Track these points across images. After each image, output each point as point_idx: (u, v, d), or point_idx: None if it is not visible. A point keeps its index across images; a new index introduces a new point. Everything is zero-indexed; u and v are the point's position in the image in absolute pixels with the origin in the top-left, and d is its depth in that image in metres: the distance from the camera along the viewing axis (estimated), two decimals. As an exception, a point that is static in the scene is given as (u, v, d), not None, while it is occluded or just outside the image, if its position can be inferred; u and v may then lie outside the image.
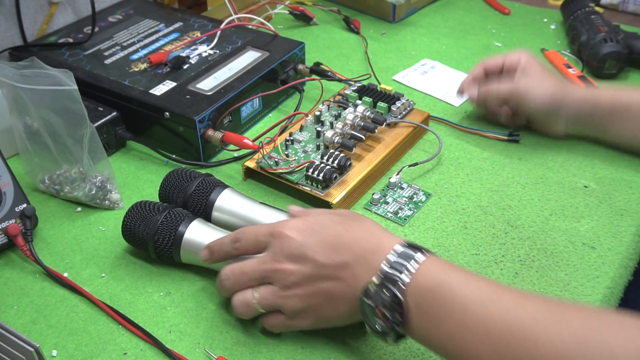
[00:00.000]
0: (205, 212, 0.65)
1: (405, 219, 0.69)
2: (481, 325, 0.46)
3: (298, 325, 0.56)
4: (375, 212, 0.70)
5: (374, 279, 0.50)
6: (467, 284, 0.48)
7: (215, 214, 0.65)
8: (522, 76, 0.77)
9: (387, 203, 0.71)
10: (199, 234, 0.61)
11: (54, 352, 0.57)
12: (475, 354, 0.46)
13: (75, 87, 0.66)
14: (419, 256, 0.50)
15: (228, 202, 0.65)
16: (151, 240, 0.62)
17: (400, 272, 0.49)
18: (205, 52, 0.87)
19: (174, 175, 0.67)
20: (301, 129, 0.77)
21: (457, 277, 0.49)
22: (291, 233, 0.54)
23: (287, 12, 1.08)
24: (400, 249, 0.51)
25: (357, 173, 0.71)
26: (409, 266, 0.49)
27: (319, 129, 0.76)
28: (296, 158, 0.73)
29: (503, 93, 0.78)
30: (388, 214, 0.70)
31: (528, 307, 0.46)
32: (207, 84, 0.81)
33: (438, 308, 0.47)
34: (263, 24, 0.93)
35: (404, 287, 0.48)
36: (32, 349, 0.48)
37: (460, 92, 0.83)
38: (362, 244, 0.52)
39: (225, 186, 0.67)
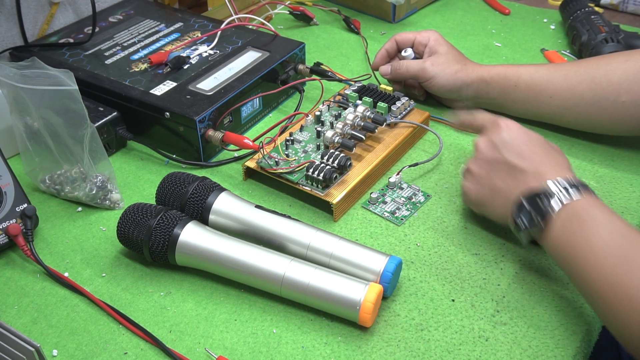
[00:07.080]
0: (202, 216, 0.66)
1: (401, 219, 0.69)
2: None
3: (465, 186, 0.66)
4: (372, 211, 0.70)
5: (536, 190, 0.58)
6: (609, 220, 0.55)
7: (212, 217, 0.65)
8: (429, 55, 0.83)
9: (385, 203, 0.71)
10: (194, 236, 0.61)
11: (55, 352, 0.57)
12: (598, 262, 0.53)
13: (76, 87, 0.66)
14: (580, 191, 0.57)
15: (225, 205, 0.65)
16: (146, 245, 0.62)
17: (560, 194, 0.57)
18: (206, 52, 0.88)
19: (170, 180, 0.67)
20: (301, 129, 0.78)
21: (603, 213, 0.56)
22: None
23: (287, 12, 1.08)
24: (569, 180, 0.58)
25: (357, 173, 0.71)
26: (571, 192, 0.57)
27: (319, 129, 0.76)
28: (296, 158, 0.73)
29: (412, 70, 0.83)
30: (385, 213, 0.70)
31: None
32: (208, 84, 0.81)
33: (579, 233, 0.55)
34: (263, 24, 0.93)
35: (559, 205, 0.56)
36: (33, 349, 0.48)
37: (374, 68, 0.89)
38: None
39: (221, 189, 0.67)
